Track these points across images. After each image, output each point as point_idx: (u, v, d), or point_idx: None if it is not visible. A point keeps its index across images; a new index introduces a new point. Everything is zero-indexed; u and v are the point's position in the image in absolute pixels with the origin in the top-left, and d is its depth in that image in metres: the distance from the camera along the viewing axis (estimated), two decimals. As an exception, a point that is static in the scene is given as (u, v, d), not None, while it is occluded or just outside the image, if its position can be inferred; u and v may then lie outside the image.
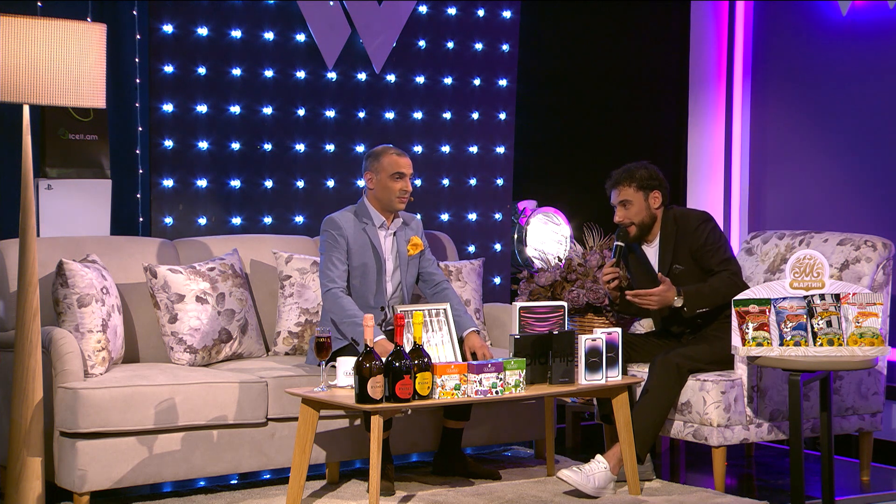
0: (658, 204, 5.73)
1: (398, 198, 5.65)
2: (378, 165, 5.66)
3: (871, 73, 7.12)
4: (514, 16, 7.19)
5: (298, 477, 5.07)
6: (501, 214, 7.22)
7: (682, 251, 5.69)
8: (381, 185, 5.65)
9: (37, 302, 4.85)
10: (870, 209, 7.10)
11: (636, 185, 5.71)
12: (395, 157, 5.66)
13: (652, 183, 5.72)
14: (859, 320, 5.12)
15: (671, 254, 5.70)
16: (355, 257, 5.62)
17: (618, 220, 5.76)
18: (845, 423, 5.84)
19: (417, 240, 5.76)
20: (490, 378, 4.99)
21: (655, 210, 5.73)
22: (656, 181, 5.73)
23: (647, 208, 5.71)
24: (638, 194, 5.71)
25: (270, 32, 6.52)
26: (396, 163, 5.65)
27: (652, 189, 5.72)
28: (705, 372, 5.57)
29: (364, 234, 5.65)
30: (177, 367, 5.47)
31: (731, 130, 7.81)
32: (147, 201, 6.34)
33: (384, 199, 5.66)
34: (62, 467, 5.06)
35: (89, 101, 4.81)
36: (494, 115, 7.17)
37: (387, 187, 5.64)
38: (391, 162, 5.65)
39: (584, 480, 5.31)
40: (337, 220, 5.65)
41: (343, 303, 5.47)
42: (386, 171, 5.64)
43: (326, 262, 5.57)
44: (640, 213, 5.72)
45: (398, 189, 5.64)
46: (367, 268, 5.62)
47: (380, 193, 5.67)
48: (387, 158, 5.66)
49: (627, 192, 5.72)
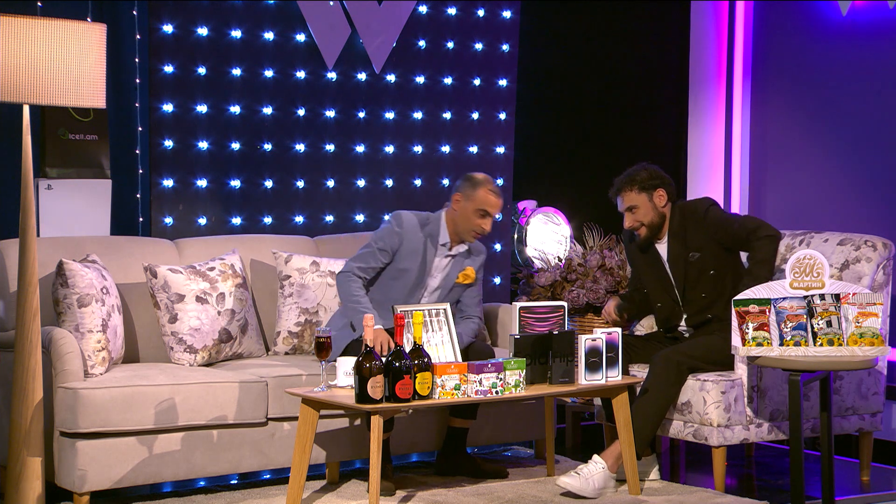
0: (664, 202, 5.73)
1: (474, 232, 5.61)
2: (472, 194, 5.58)
3: (871, 73, 7.12)
4: (514, 16, 7.19)
5: (298, 477, 5.07)
6: (501, 214, 7.22)
7: (697, 239, 5.69)
8: (464, 215, 5.59)
9: (37, 302, 4.85)
10: (870, 209, 7.10)
11: (638, 188, 5.72)
12: (492, 197, 5.58)
13: (654, 182, 5.72)
14: (859, 320, 5.12)
15: (683, 245, 5.70)
16: (401, 260, 5.60)
17: (628, 226, 5.76)
18: (845, 423, 5.84)
19: (472, 272, 5.70)
20: (490, 378, 4.99)
21: (662, 208, 5.73)
22: (658, 179, 5.73)
23: (653, 208, 5.72)
24: (642, 196, 5.71)
25: (270, 32, 6.52)
26: (490, 202, 5.57)
27: (655, 188, 5.72)
28: (705, 371, 5.58)
29: (421, 244, 5.61)
30: (177, 367, 5.47)
31: (731, 130, 7.81)
32: (147, 201, 6.34)
33: (461, 227, 5.62)
34: (62, 467, 5.06)
35: (89, 101, 4.81)
36: (494, 115, 7.17)
37: (468, 218, 5.59)
38: (485, 199, 5.57)
39: (583, 485, 5.31)
40: (403, 218, 5.62)
41: (353, 286, 5.50)
42: (475, 203, 5.57)
43: (364, 256, 5.58)
44: (648, 213, 5.72)
45: (478, 225, 5.59)
46: (407, 275, 5.61)
47: (459, 220, 5.62)
48: (482, 192, 5.57)
49: (631, 196, 5.72)
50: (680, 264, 5.71)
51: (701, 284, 5.70)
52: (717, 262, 5.67)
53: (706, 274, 5.68)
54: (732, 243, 5.68)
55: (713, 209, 5.74)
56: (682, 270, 5.71)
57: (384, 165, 6.87)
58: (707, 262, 5.67)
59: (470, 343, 5.67)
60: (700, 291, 5.70)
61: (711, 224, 5.68)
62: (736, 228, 5.65)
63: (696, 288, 5.71)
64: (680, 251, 5.71)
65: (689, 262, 5.69)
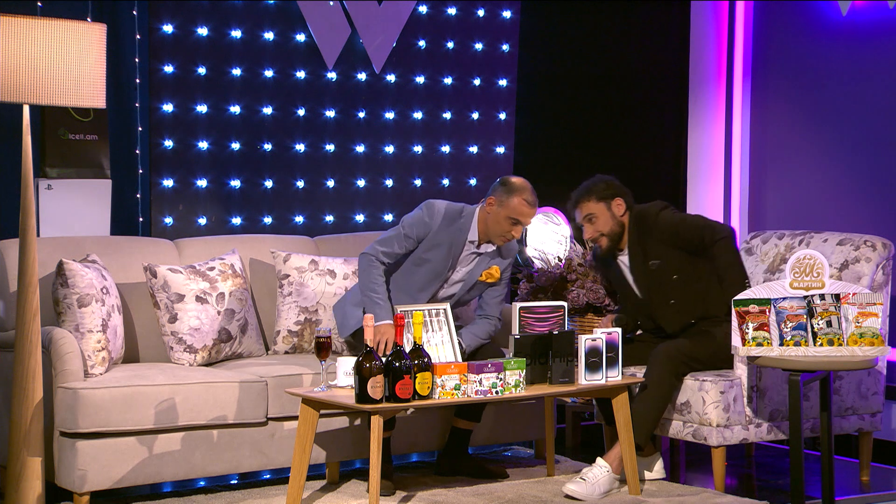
0: (622, 210, 5.72)
1: (502, 237, 5.56)
2: (506, 200, 5.50)
3: (871, 73, 7.12)
4: (514, 16, 7.19)
5: (298, 477, 5.07)
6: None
7: (654, 245, 5.68)
8: (495, 219, 5.53)
9: (37, 302, 4.85)
10: (870, 209, 7.10)
11: (596, 198, 5.71)
12: (525, 207, 5.50)
13: (611, 192, 5.71)
14: (859, 320, 5.12)
15: (643, 254, 5.70)
16: (426, 250, 5.57)
17: (587, 237, 5.76)
18: (845, 423, 5.84)
19: (496, 271, 5.64)
20: (490, 378, 4.99)
21: (621, 217, 5.72)
22: (615, 189, 5.73)
23: (612, 217, 5.71)
24: (600, 205, 5.70)
25: (270, 32, 6.52)
26: (522, 212, 5.50)
27: (612, 197, 5.71)
28: (701, 365, 5.57)
29: (449, 237, 5.57)
30: (177, 367, 5.47)
31: (731, 130, 7.81)
32: (147, 201, 6.34)
33: (491, 229, 5.56)
34: (62, 467, 5.06)
35: (89, 101, 4.81)
36: (494, 115, 7.17)
37: (499, 223, 5.53)
38: (519, 209, 5.50)
39: (590, 490, 5.31)
40: (436, 209, 5.56)
41: (374, 272, 5.47)
42: (508, 210, 5.50)
43: (390, 241, 5.54)
44: (607, 223, 5.70)
45: (508, 232, 5.54)
46: (430, 265, 5.57)
47: (490, 222, 5.56)
48: (517, 201, 5.50)
49: (589, 206, 5.72)
50: (641, 275, 5.70)
51: (667, 291, 5.68)
52: (678, 266, 5.66)
53: (669, 280, 5.67)
54: (688, 249, 5.66)
55: (664, 214, 5.71)
56: (644, 280, 5.70)
57: (384, 165, 6.88)
58: (668, 268, 5.66)
59: (481, 345, 5.66)
60: (668, 298, 5.68)
61: (663, 229, 5.67)
62: (688, 235, 5.64)
63: (663, 295, 5.69)
64: (640, 261, 5.70)
65: (650, 271, 5.68)
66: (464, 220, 5.59)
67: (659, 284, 5.68)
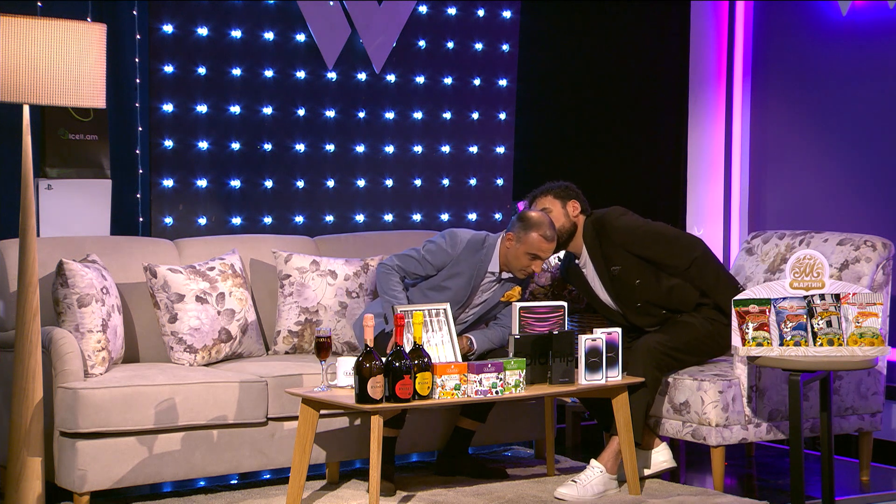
0: (576, 212, 5.77)
1: (523, 272, 5.57)
2: (524, 236, 5.52)
3: (871, 73, 7.12)
4: (514, 16, 7.19)
5: (298, 477, 5.07)
6: (501, 214, 7.23)
7: (614, 251, 5.70)
8: (515, 254, 5.55)
9: (37, 302, 4.86)
10: (870, 209, 7.10)
11: (553, 195, 5.78)
12: (544, 243, 5.50)
13: (569, 193, 5.79)
14: (859, 320, 5.12)
15: (602, 258, 5.73)
16: (446, 279, 5.58)
17: None
18: (845, 423, 5.84)
19: (517, 293, 5.66)
20: (490, 378, 4.99)
21: (574, 217, 5.76)
22: (573, 192, 5.80)
23: (565, 215, 5.75)
24: (556, 202, 5.76)
25: (270, 32, 6.52)
26: (541, 248, 5.51)
27: (569, 199, 5.76)
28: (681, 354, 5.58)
29: (471, 268, 5.58)
30: (177, 367, 5.48)
31: (731, 130, 7.81)
32: (147, 201, 6.34)
33: (511, 265, 5.57)
34: (62, 467, 5.07)
35: (89, 101, 4.81)
36: (494, 115, 7.17)
37: (518, 258, 5.54)
38: (537, 245, 5.50)
39: (581, 493, 5.31)
40: (458, 240, 5.58)
41: (392, 279, 5.50)
42: (526, 247, 5.51)
43: (410, 260, 5.56)
44: (559, 219, 5.73)
45: (528, 267, 5.54)
46: (450, 293, 5.58)
47: (510, 257, 5.57)
48: (535, 237, 5.50)
49: (545, 200, 5.77)
50: (605, 280, 5.73)
51: (631, 295, 5.71)
52: (639, 271, 5.69)
53: (632, 284, 5.69)
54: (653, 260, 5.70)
55: (623, 219, 5.74)
56: (609, 285, 5.73)
57: (384, 165, 6.88)
58: (630, 273, 5.69)
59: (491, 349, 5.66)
60: (634, 301, 5.72)
61: (624, 236, 5.69)
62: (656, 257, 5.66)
63: (629, 298, 5.72)
64: (602, 267, 5.74)
65: (613, 277, 5.71)
66: (486, 250, 5.61)
67: (623, 289, 5.71)
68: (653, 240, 5.72)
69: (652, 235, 5.73)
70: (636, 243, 5.69)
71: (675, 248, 5.71)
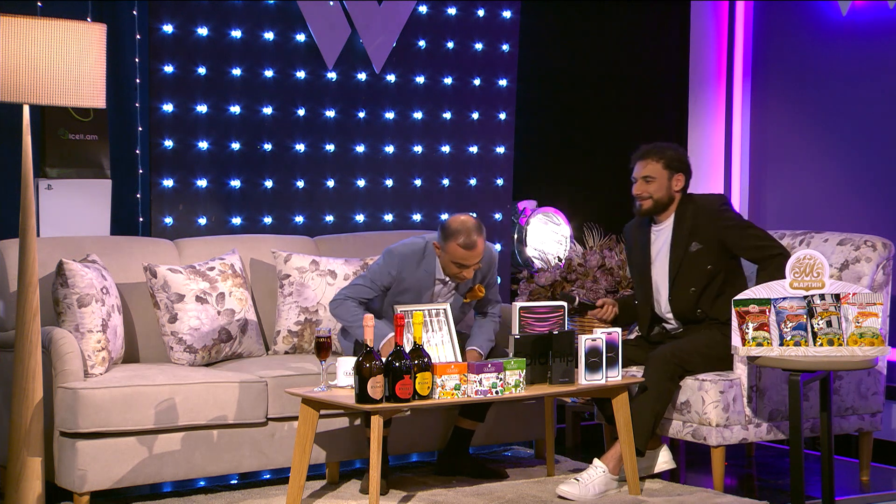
0: (679, 187, 5.68)
1: (457, 278, 5.48)
2: (445, 245, 5.41)
3: (871, 73, 7.12)
4: (514, 16, 7.19)
5: (298, 477, 5.07)
6: (501, 214, 7.23)
7: (704, 231, 5.63)
8: (444, 262, 5.46)
9: (37, 302, 4.86)
10: (870, 209, 7.10)
11: (664, 163, 5.66)
12: (461, 251, 5.34)
13: (679, 165, 5.67)
14: (859, 320, 5.12)
15: (687, 233, 5.66)
16: (397, 294, 5.51)
17: (636, 193, 5.69)
18: (845, 423, 5.84)
19: (479, 291, 5.59)
20: (490, 378, 4.99)
21: (675, 192, 5.69)
22: (684, 165, 5.69)
23: (668, 188, 5.67)
24: (664, 172, 5.66)
25: (270, 32, 6.52)
26: (462, 256, 5.36)
27: (677, 171, 5.68)
28: (701, 367, 5.56)
29: (418, 281, 5.50)
30: (177, 367, 5.48)
31: (731, 130, 7.81)
32: (147, 201, 6.34)
33: (446, 272, 5.48)
34: (62, 467, 5.07)
35: (89, 101, 4.81)
36: (494, 115, 7.17)
37: (448, 267, 5.46)
38: (457, 254, 5.37)
39: (582, 491, 5.31)
40: (397, 259, 5.46)
41: (350, 308, 5.41)
42: (449, 255, 5.41)
43: (362, 287, 5.46)
44: (660, 190, 5.66)
45: (459, 274, 5.44)
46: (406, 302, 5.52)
47: (442, 265, 5.48)
48: (452, 247, 5.37)
49: (654, 167, 5.67)
50: (679, 251, 5.67)
51: (693, 277, 5.66)
52: (715, 259, 5.65)
53: (702, 268, 5.65)
54: (739, 248, 5.64)
55: (727, 207, 5.72)
56: (679, 257, 5.66)
57: (384, 165, 6.87)
58: (706, 257, 5.64)
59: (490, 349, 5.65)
60: (690, 284, 5.66)
61: (723, 221, 5.64)
62: (749, 235, 5.62)
63: (688, 280, 5.67)
64: (682, 238, 5.67)
65: (689, 252, 5.66)
66: (427, 260, 5.50)
67: (689, 269, 5.65)
68: (750, 225, 5.68)
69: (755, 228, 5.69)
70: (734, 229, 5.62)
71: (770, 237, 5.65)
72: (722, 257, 5.66)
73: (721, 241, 5.63)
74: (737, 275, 5.70)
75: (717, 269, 5.65)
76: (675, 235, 5.68)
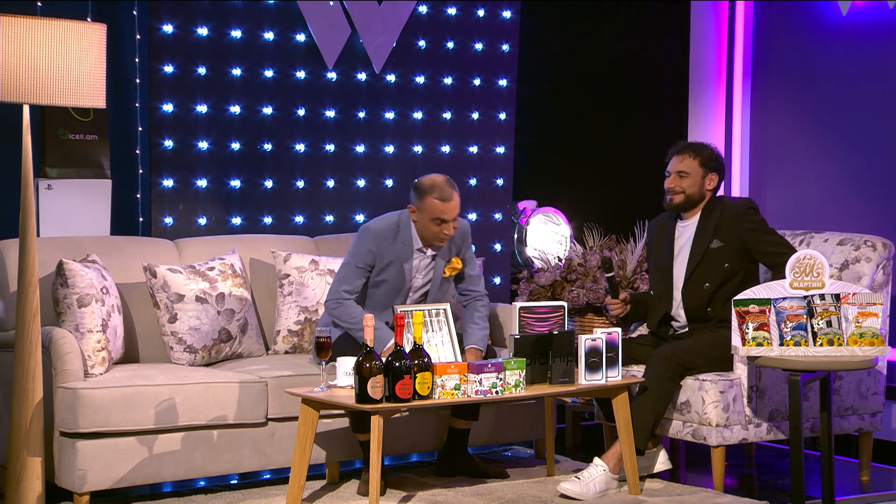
0: (711, 186, 5.75)
1: (438, 239, 5.52)
2: (422, 204, 5.47)
3: (872, 73, 7.12)
4: (514, 16, 7.19)
5: (298, 477, 5.07)
6: (501, 214, 7.23)
7: (726, 231, 5.66)
8: (422, 224, 5.51)
9: (37, 302, 4.86)
10: (870, 209, 7.10)
11: (700, 161, 5.73)
12: (438, 204, 5.42)
13: (715, 165, 5.75)
14: (859, 320, 5.12)
15: (711, 230, 5.68)
16: (378, 273, 5.54)
17: (668, 187, 5.75)
18: (845, 423, 5.84)
19: (457, 263, 5.63)
20: (490, 378, 4.99)
21: (707, 190, 5.74)
22: (719, 165, 5.76)
23: (700, 185, 5.73)
24: (699, 170, 5.73)
25: (270, 32, 6.52)
26: (441, 210, 5.43)
27: (712, 170, 5.74)
28: (702, 369, 5.57)
29: (396, 254, 5.53)
30: (177, 367, 5.48)
31: (731, 130, 7.81)
32: (147, 201, 6.34)
33: (425, 235, 5.53)
34: (62, 467, 5.07)
35: (89, 101, 4.81)
36: (494, 115, 7.17)
37: (427, 228, 5.50)
38: (436, 208, 5.44)
39: (583, 489, 5.31)
40: (373, 235, 5.50)
41: (349, 308, 5.44)
42: (428, 213, 5.46)
43: (346, 275, 5.49)
44: (694, 186, 5.72)
45: (439, 233, 5.48)
46: (388, 284, 5.56)
47: (421, 229, 5.53)
48: (428, 202, 5.44)
49: (691, 163, 5.73)
50: (700, 246, 5.69)
51: (710, 273, 5.67)
52: (734, 259, 5.66)
53: (720, 266, 5.66)
54: (756, 251, 5.66)
55: (753, 211, 5.74)
56: (699, 252, 5.69)
57: (384, 165, 6.87)
58: (726, 255, 5.66)
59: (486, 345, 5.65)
60: (705, 280, 5.68)
61: (746, 223, 5.66)
62: (768, 240, 5.65)
63: (704, 275, 5.68)
64: (705, 234, 5.69)
65: (709, 249, 5.68)
66: (403, 232, 5.54)
67: (707, 265, 5.66)
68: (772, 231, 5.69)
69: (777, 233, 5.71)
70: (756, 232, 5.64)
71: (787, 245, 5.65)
72: (741, 259, 5.67)
73: (742, 242, 5.65)
74: (753, 280, 5.70)
75: (735, 269, 5.66)
76: (698, 231, 5.72)
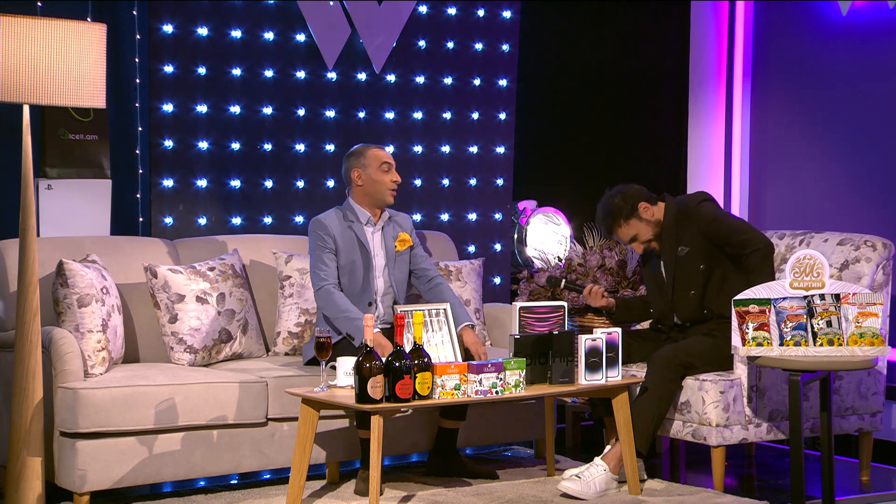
0: (652, 214, 5.75)
1: (390, 190, 5.69)
2: (364, 161, 5.69)
3: (871, 73, 7.12)
4: (514, 16, 7.19)
5: (298, 477, 5.07)
6: (501, 214, 7.23)
7: (688, 232, 5.69)
8: (371, 179, 5.67)
9: (37, 302, 4.85)
10: (870, 209, 7.10)
11: (623, 218, 5.74)
12: (378, 151, 5.73)
13: (631, 202, 5.73)
14: (859, 320, 5.12)
15: (674, 240, 5.71)
16: (343, 255, 5.63)
17: (641, 252, 5.82)
18: (845, 423, 5.84)
19: (405, 235, 5.78)
20: (490, 378, 4.99)
21: (655, 220, 5.75)
22: (631, 198, 5.74)
23: (647, 223, 5.74)
24: (632, 222, 5.73)
25: (270, 32, 6.52)
26: (381, 155, 5.71)
27: (635, 207, 5.73)
28: (703, 369, 5.57)
29: (350, 231, 5.66)
30: (177, 367, 5.48)
31: (731, 130, 7.81)
32: (147, 201, 6.34)
33: (375, 192, 5.68)
34: (62, 467, 5.06)
35: (89, 101, 4.81)
36: (494, 115, 7.17)
37: (376, 180, 5.67)
38: (375, 155, 5.70)
39: (584, 488, 5.31)
40: (322, 221, 5.67)
41: (336, 299, 5.49)
42: (372, 164, 5.68)
43: (316, 262, 5.60)
44: (648, 231, 5.74)
45: (388, 181, 5.68)
46: (356, 265, 5.63)
47: (370, 188, 5.68)
48: (371, 152, 5.71)
49: (624, 229, 5.76)
50: (671, 259, 5.72)
51: (690, 280, 5.69)
52: (705, 257, 5.68)
53: (695, 269, 5.68)
54: (720, 244, 5.67)
55: (706, 204, 5.74)
56: (672, 265, 5.72)
57: (384, 165, 6.87)
58: (696, 257, 5.68)
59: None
60: (689, 288, 5.70)
61: (701, 218, 5.68)
62: (727, 233, 5.65)
63: (685, 284, 5.70)
64: (671, 246, 5.72)
65: (678, 257, 5.70)
66: (347, 213, 5.71)
67: (684, 271, 5.68)
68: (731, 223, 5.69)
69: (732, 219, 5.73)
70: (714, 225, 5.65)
71: (747, 230, 5.66)
72: (711, 254, 5.68)
73: (705, 237, 5.67)
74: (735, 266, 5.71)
75: (711, 266, 5.68)
76: (663, 246, 5.76)
